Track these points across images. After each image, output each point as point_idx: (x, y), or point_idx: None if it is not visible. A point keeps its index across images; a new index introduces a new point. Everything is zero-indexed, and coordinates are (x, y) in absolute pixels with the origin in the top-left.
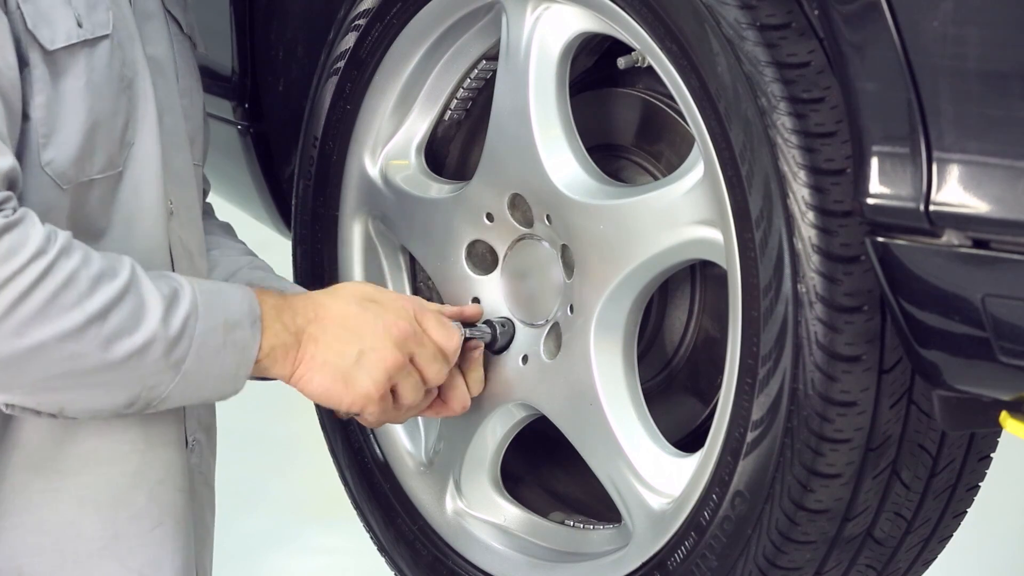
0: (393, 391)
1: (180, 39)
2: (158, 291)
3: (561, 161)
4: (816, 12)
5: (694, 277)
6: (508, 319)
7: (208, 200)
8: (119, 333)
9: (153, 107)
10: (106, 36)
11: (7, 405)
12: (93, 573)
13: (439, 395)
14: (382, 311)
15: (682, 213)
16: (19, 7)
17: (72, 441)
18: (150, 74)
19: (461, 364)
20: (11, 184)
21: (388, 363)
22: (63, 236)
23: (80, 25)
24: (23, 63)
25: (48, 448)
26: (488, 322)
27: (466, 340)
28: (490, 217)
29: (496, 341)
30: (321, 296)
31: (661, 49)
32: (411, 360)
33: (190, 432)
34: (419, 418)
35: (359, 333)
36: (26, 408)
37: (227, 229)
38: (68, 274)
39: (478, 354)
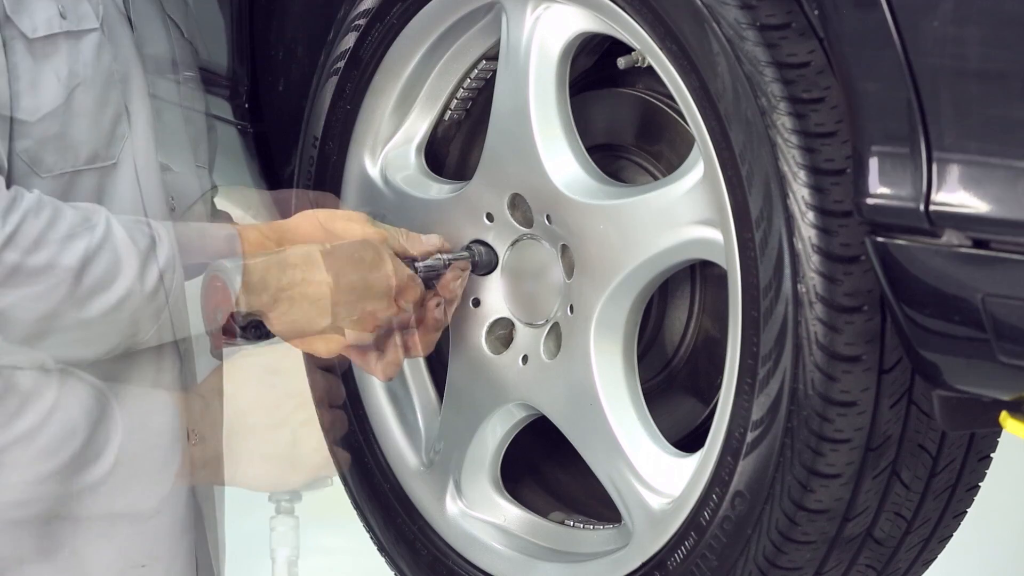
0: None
1: (182, 43)
2: (134, 245)
3: (561, 161)
4: (816, 12)
5: (694, 277)
6: (481, 241)
7: None
8: (93, 291)
9: (147, 103)
10: (94, 30)
11: None
12: (90, 562)
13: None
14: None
15: (682, 213)
16: None
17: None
18: (148, 72)
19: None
20: None
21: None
22: (30, 198)
23: (64, 17)
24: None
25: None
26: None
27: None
28: (490, 217)
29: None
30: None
31: (661, 49)
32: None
33: (191, 423)
34: (419, 418)
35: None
36: (2, 366)
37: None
38: (35, 237)
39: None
